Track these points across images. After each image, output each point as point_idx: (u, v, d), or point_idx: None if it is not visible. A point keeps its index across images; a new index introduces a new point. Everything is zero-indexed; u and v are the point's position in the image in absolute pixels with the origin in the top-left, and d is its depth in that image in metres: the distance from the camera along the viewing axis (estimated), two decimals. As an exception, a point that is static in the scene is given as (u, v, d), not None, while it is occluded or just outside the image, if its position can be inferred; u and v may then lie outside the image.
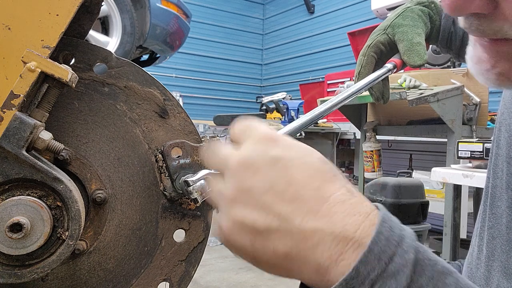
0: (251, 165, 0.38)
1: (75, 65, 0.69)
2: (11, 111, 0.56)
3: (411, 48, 0.86)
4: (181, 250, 0.72)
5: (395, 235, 0.35)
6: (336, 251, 0.35)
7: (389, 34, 0.89)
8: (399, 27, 0.88)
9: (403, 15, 0.89)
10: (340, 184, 0.38)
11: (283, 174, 0.37)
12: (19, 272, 0.58)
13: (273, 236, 0.37)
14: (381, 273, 0.33)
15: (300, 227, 0.36)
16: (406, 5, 0.90)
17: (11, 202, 0.57)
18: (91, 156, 0.69)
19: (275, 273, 0.39)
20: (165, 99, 0.72)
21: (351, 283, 0.33)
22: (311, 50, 8.00)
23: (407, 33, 0.87)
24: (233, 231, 0.39)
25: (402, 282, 0.33)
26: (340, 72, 5.61)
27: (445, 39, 0.93)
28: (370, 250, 0.33)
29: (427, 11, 0.89)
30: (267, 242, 0.37)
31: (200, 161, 0.70)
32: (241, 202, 0.38)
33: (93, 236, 0.69)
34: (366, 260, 0.33)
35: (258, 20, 9.13)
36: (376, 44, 0.89)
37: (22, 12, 0.60)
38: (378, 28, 0.91)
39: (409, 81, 2.68)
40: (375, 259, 0.33)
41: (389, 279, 0.33)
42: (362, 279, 0.33)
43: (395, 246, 0.34)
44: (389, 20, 0.90)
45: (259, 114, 3.92)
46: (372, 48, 0.89)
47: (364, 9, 6.67)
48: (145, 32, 2.88)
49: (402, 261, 0.34)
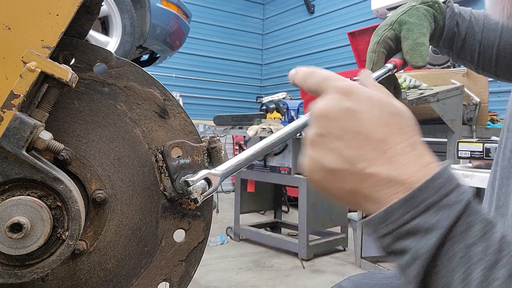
0: (327, 115, 0.46)
1: (75, 65, 0.69)
2: (11, 111, 0.56)
3: (414, 48, 0.85)
4: (181, 250, 0.72)
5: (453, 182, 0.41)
6: (391, 192, 0.42)
7: (395, 30, 0.88)
8: (405, 24, 0.87)
9: (409, 13, 0.88)
10: (404, 137, 0.44)
11: (353, 124, 0.44)
12: (19, 272, 0.58)
13: (339, 176, 0.45)
14: (436, 201, 0.40)
15: (362, 171, 0.43)
16: (411, 4, 0.90)
17: (11, 202, 0.57)
18: (91, 156, 0.69)
19: (344, 204, 0.47)
20: (165, 99, 0.72)
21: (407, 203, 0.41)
22: (311, 50, 8.00)
23: (412, 31, 0.86)
24: (311, 169, 0.47)
25: (453, 214, 0.39)
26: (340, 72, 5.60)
27: (448, 39, 0.93)
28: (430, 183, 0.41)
29: (432, 11, 0.89)
30: (335, 180, 0.45)
31: (200, 161, 0.70)
32: (318, 145, 0.46)
33: (93, 236, 0.69)
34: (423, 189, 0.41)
35: (258, 20, 9.12)
36: (385, 39, 0.89)
37: (22, 12, 0.60)
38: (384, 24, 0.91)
39: (409, 81, 2.68)
40: (433, 190, 0.40)
41: (443, 209, 0.40)
42: (418, 201, 0.40)
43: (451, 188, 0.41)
44: (395, 16, 0.89)
45: (259, 114, 3.91)
46: (381, 44, 0.89)
47: (364, 9, 6.67)
48: (145, 32, 2.88)
49: (456, 199, 0.40)
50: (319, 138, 0.46)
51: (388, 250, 0.43)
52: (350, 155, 0.44)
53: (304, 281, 2.96)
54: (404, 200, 0.41)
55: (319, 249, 3.51)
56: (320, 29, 7.87)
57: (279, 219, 4.36)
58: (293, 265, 3.29)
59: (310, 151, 0.47)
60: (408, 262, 0.41)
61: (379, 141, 0.44)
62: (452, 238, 0.39)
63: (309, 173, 0.48)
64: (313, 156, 0.47)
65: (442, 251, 0.39)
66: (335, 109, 0.46)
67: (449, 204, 0.40)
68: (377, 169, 0.43)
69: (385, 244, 0.43)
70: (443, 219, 0.40)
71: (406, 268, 0.42)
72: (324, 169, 0.46)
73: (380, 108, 0.45)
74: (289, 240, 3.56)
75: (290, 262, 3.36)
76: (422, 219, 0.40)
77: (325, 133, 0.46)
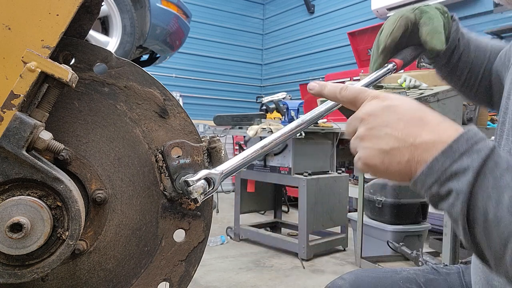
0: (373, 113, 0.59)
1: (75, 65, 0.69)
2: (11, 111, 0.56)
3: (434, 32, 0.88)
4: (181, 250, 0.72)
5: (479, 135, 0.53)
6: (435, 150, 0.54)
7: (416, 15, 0.91)
8: (426, 13, 0.90)
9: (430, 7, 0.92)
10: (434, 115, 0.57)
11: (395, 115, 0.57)
12: (19, 272, 0.58)
13: (396, 152, 0.56)
14: (468, 149, 0.52)
15: (413, 143, 0.55)
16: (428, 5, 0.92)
17: (11, 202, 0.57)
18: (91, 156, 0.69)
19: (403, 180, 0.58)
20: (165, 99, 0.72)
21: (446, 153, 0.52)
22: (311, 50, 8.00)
23: (433, 20, 0.89)
24: (370, 156, 0.58)
25: (482, 157, 0.51)
26: (340, 72, 5.60)
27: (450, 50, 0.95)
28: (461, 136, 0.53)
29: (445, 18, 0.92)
30: (393, 157, 0.56)
31: (200, 161, 0.70)
32: (371, 136, 0.58)
33: (93, 236, 0.69)
34: (459, 141, 0.53)
35: (258, 20, 9.12)
36: (407, 17, 0.91)
37: (22, 12, 0.60)
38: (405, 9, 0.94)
39: (409, 81, 2.68)
40: (464, 141, 0.52)
41: (473, 154, 0.51)
42: (454, 150, 0.52)
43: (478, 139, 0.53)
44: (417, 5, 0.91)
45: (259, 114, 3.91)
46: (403, 19, 0.91)
47: (364, 9, 6.67)
48: (145, 32, 2.88)
49: (483, 146, 0.52)
50: (370, 131, 0.58)
51: (437, 199, 0.54)
52: (399, 135, 0.56)
53: (304, 281, 2.96)
54: (442, 152, 0.53)
55: (319, 249, 3.52)
56: (320, 29, 7.87)
57: (279, 219, 4.36)
58: (293, 265, 3.29)
59: (365, 143, 0.59)
60: (453, 202, 0.52)
61: (418, 119, 0.56)
62: (484, 174, 0.50)
63: (367, 162, 0.59)
64: (369, 145, 0.58)
65: (477, 185, 0.50)
66: (377, 108, 0.59)
67: (478, 150, 0.52)
68: (424, 138, 0.55)
69: (433, 192, 0.54)
70: (475, 160, 0.51)
71: (452, 208, 0.52)
72: (382, 152, 0.57)
73: (409, 102, 0.59)
74: (289, 240, 3.56)
75: (290, 262, 3.36)
76: (458, 164, 0.52)
77: (374, 126, 0.58)
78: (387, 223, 2.94)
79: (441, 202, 0.54)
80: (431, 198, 0.55)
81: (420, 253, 2.57)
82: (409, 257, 2.64)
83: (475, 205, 0.50)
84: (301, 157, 3.46)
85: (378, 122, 0.58)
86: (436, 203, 0.56)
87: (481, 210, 0.50)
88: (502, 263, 0.50)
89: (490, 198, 0.49)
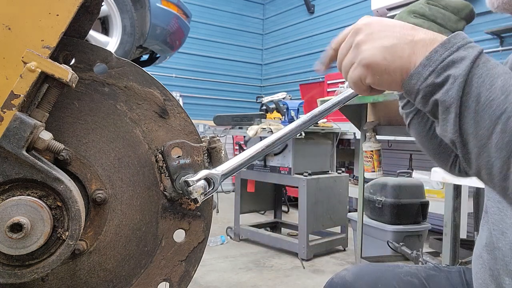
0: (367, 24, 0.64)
1: (75, 65, 0.69)
2: (11, 111, 0.56)
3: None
4: (181, 250, 0.72)
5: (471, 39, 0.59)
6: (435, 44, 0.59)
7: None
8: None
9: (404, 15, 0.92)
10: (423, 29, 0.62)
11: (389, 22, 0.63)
12: (19, 272, 0.58)
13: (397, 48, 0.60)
14: (464, 44, 0.57)
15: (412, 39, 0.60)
16: None
17: (11, 202, 0.57)
18: (91, 156, 0.69)
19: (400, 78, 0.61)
20: (165, 99, 0.72)
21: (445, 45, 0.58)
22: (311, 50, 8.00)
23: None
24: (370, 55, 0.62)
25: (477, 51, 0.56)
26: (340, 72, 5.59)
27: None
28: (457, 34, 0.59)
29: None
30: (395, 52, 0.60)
31: (200, 161, 0.70)
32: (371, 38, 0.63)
33: (93, 236, 0.69)
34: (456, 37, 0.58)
35: (258, 20, 9.12)
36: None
37: (22, 12, 0.60)
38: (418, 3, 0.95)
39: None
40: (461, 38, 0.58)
41: (469, 48, 0.57)
42: (452, 43, 0.58)
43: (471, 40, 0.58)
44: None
45: (259, 114, 3.91)
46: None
47: (364, 9, 6.67)
48: (145, 32, 2.88)
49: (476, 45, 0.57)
50: (369, 36, 0.63)
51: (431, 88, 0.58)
52: (398, 35, 0.61)
53: (304, 281, 2.96)
54: (441, 44, 0.58)
55: (319, 249, 3.52)
56: (320, 29, 7.87)
57: (279, 219, 4.36)
58: (293, 265, 3.29)
59: (366, 46, 0.63)
60: (449, 87, 0.56)
61: (410, 27, 0.62)
62: (479, 65, 0.56)
63: (370, 59, 0.62)
64: (370, 45, 0.62)
65: (472, 71, 0.55)
66: (371, 20, 0.64)
67: (473, 46, 0.57)
68: (421, 36, 0.60)
69: (429, 82, 0.58)
70: (471, 53, 0.56)
71: (447, 93, 0.56)
72: (384, 48, 0.61)
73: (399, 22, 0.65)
74: (289, 240, 3.56)
75: (290, 262, 3.36)
76: (456, 54, 0.57)
77: (373, 31, 0.63)
78: (387, 223, 2.94)
79: (435, 91, 0.58)
80: (425, 89, 0.59)
81: (420, 253, 2.56)
82: (409, 257, 2.64)
83: (469, 91, 0.55)
84: (301, 157, 3.46)
85: (376, 28, 0.63)
86: (428, 96, 0.59)
87: (474, 94, 0.55)
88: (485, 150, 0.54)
89: (484, 83, 0.55)
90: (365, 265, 1.00)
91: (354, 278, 0.93)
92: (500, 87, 0.53)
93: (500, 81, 0.54)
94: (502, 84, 0.54)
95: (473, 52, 0.57)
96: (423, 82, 0.59)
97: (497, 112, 0.52)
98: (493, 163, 0.54)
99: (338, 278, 0.95)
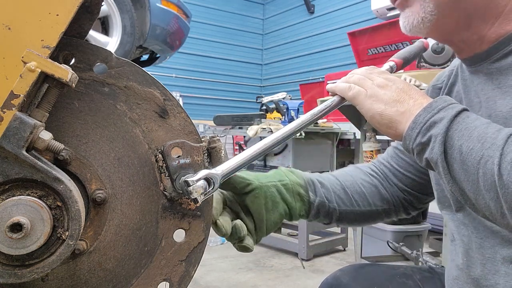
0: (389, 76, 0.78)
1: (75, 65, 0.69)
2: (11, 111, 0.56)
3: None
4: (181, 250, 0.72)
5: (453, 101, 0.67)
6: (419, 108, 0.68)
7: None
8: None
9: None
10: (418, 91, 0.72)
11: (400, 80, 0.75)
12: (19, 272, 0.58)
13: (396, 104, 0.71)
14: (444, 106, 0.65)
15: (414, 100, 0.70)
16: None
17: (11, 202, 0.57)
18: (91, 156, 0.69)
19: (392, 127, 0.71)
20: (165, 99, 0.72)
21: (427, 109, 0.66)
22: (311, 50, 8.00)
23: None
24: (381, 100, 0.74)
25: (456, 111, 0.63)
26: (340, 72, 5.61)
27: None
28: (440, 98, 0.67)
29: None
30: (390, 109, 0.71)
31: (200, 161, 0.70)
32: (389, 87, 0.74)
33: (93, 236, 0.69)
34: (438, 101, 0.67)
35: (258, 20, 9.12)
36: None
37: (22, 12, 0.60)
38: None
39: (409, 81, 2.67)
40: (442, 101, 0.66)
41: (449, 109, 0.64)
42: (434, 107, 0.66)
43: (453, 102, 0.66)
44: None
45: (259, 114, 3.91)
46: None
47: (364, 9, 6.67)
48: (145, 32, 2.88)
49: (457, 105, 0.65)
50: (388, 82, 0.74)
51: (420, 148, 0.65)
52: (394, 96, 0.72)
53: (304, 281, 2.96)
54: (424, 109, 0.66)
55: (319, 249, 3.52)
56: (320, 29, 7.88)
57: (279, 219, 4.35)
58: (293, 265, 3.29)
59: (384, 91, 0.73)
60: (432, 145, 0.63)
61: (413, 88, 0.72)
62: (459, 121, 0.62)
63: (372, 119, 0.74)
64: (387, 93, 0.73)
65: (451, 128, 0.62)
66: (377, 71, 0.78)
67: (453, 107, 0.64)
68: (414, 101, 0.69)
69: (418, 142, 0.65)
70: (449, 113, 0.63)
71: (432, 151, 0.63)
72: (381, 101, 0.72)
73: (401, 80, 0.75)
74: (289, 240, 3.56)
75: (290, 262, 3.36)
76: (436, 116, 0.64)
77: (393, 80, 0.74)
78: (387, 223, 2.94)
79: (424, 151, 0.65)
80: (416, 149, 0.66)
81: (420, 253, 2.56)
82: (409, 257, 2.64)
83: (452, 144, 0.61)
84: (301, 157, 3.46)
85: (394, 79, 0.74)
86: (421, 154, 0.66)
87: (457, 146, 0.61)
88: (479, 193, 0.59)
89: (463, 136, 0.60)
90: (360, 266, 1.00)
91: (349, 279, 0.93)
92: (477, 137, 0.59)
93: (477, 132, 0.60)
94: (478, 134, 0.59)
95: (451, 112, 0.63)
96: (413, 143, 0.66)
97: (477, 158, 0.58)
98: (489, 204, 0.58)
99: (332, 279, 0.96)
